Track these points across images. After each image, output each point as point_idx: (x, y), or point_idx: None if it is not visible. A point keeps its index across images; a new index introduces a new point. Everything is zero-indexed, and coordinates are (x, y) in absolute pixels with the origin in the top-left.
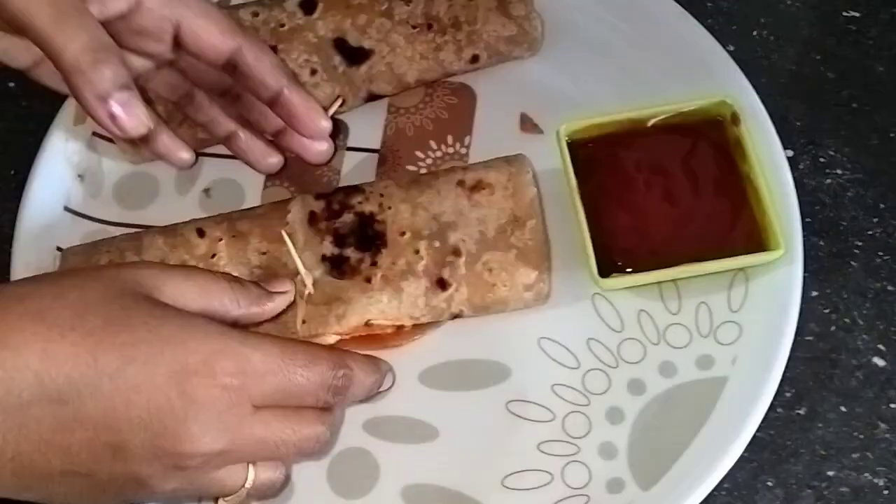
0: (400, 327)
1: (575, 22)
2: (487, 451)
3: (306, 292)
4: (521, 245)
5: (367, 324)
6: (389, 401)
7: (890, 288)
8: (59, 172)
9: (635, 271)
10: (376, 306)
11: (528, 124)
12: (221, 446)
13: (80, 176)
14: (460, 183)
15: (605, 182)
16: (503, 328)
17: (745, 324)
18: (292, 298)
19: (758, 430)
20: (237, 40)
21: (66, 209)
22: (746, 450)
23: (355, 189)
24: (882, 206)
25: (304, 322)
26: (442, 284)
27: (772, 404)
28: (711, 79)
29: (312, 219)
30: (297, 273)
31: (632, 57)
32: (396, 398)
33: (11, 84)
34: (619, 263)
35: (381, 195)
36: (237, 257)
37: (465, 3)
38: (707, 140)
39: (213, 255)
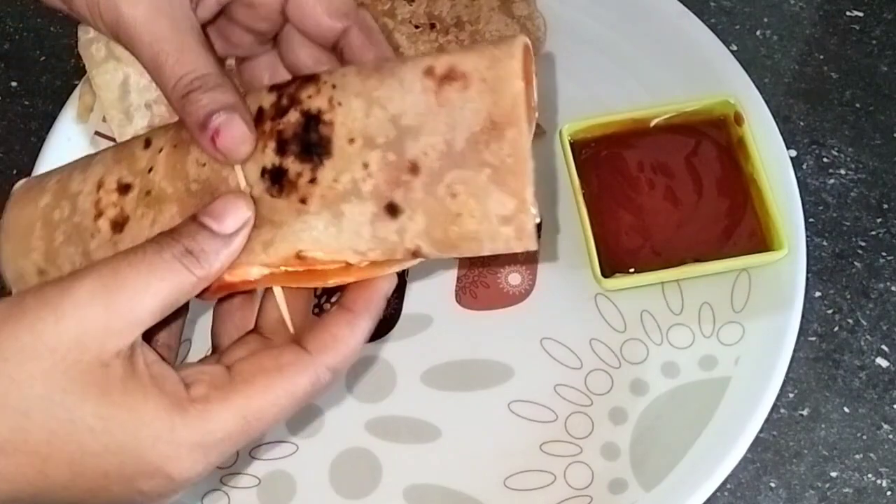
0: (347, 264)
1: (577, 21)
2: (490, 452)
3: None
4: (497, 163)
5: (300, 256)
6: (392, 401)
7: (893, 288)
8: None
9: (638, 271)
10: (309, 234)
11: None
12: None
13: None
14: (429, 72)
15: (607, 182)
16: (505, 328)
17: (747, 324)
18: (251, 224)
19: (761, 431)
20: (345, 22)
21: None
22: (749, 450)
23: (311, 78)
24: (885, 206)
25: None
26: (392, 210)
27: (775, 405)
28: (714, 78)
29: (259, 117)
30: (240, 190)
31: (635, 56)
32: (399, 398)
33: (14, 83)
34: (622, 263)
35: (334, 86)
36: (174, 172)
37: (468, 3)
38: (710, 140)
39: (150, 170)
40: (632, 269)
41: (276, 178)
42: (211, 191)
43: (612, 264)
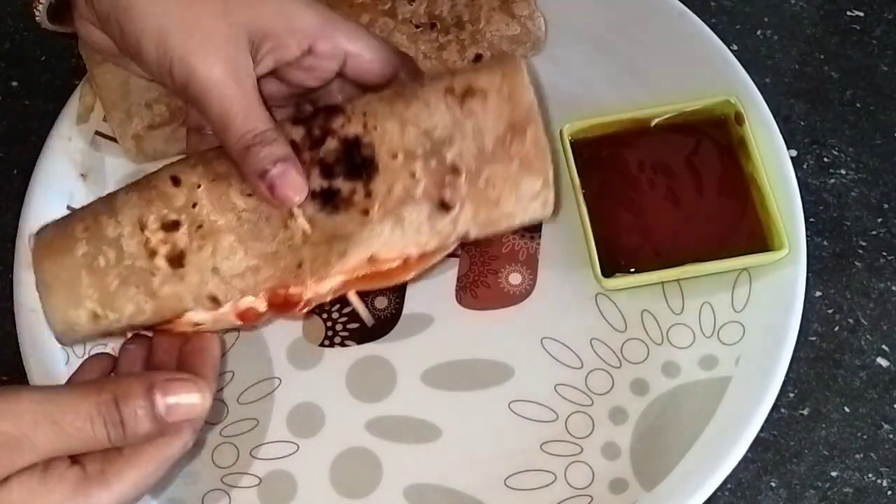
0: (406, 260)
1: (578, 21)
2: (490, 451)
3: (299, 231)
4: (523, 154)
5: (372, 259)
6: (392, 401)
7: (894, 288)
8: (62, 171)
9: (638, 271)
10: (378, 239)
11: None
12: None
13: (82, 175)
14: (449, 91)
15: (608, 182)
16: (506, 327)
17: (748, 324)
18: (204, 407)
19: (761, 431)
20: (395, 66)
21: (69, 208)
22: (749, 450)
23: (335, 109)
24: (886, 206)
25: (299, 265)
26: (444, 206)
27: (775, 405)
28: (715, 78)
29: (294, 149)
30: (291, 215)
31: (635, 56)
32: (399, 398)
33: (15, 83)
34: (623, 263)
35: (364, 114)
36: (220, 203)
37: (469, 3)
38: (711, 139)
39: (194, 205)
40: (632, 269)
41: (329, 198)
42: (265, 215)
43: (612, 264)
